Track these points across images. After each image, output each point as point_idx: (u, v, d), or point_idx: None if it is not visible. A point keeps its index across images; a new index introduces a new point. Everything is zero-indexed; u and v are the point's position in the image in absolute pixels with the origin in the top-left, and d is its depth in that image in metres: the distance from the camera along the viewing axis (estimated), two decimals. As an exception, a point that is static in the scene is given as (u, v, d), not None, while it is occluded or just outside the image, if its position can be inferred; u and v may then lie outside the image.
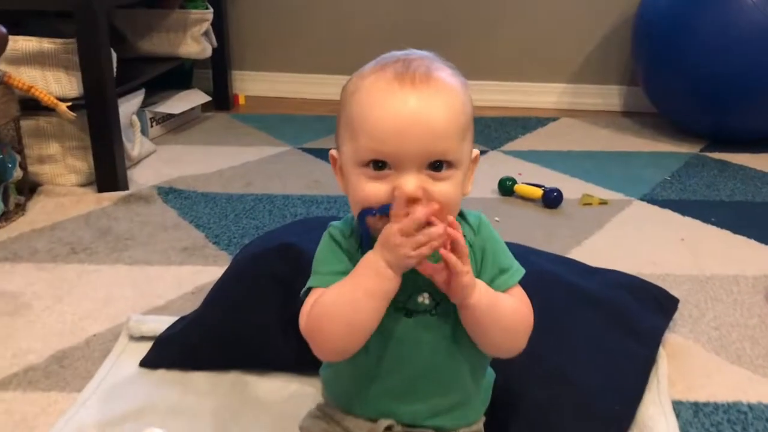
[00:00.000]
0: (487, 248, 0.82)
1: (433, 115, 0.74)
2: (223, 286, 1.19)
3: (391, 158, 0.74)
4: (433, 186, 0.75)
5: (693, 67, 2.19)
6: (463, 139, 0.77)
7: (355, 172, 0.77)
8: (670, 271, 1.48)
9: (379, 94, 0.75)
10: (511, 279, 0.82)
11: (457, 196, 0.78)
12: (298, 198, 1.84)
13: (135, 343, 1.19)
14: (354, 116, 0.77)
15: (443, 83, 0.76)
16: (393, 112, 0.74)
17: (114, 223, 1.68)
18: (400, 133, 0.73)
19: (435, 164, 0.75)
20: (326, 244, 0.83)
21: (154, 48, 2.36)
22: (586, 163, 2.15)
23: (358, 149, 0.76)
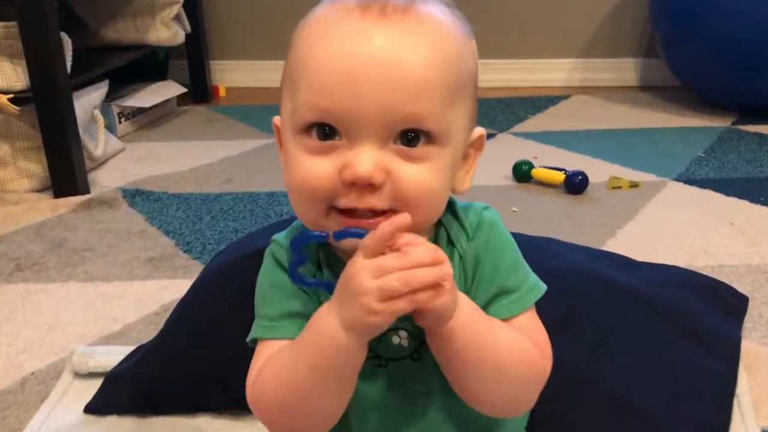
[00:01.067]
0: (483, 258, 0.57)
1: (406, 58, 0.50)
2: (187, 305, 0.96)
3: (340, 120, 0.50)
4: (400, 167, 0.51)
5: (721, 32, 1.98)
6: (452, 103, 0.53)
7: (293, 144, 0.53)
8: (726, 262, 1.26)
9: (328, 26, 0.52)
10: (516, 304, 0.57)
11: (438, 188, 0.53)
12: (284, 195, 1.61)
13: (81, 382, 0.96)
14: (294, 59, 0.54)
15: (429, 17, 0.52)
16: (345, 48, 0.50)
17: (70, 233, 1.45)
18: (353, 81, 0.49)
19: (407, 135, 0.51)
20: (268, 270, 0.59)
21: (120, 35, 2.13)
22: (607, 143, 1.93)
23: (298, 106, 0.52)
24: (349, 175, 0.50)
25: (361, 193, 0.51)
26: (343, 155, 0.51)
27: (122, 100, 2.07)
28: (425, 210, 0.53)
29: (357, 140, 0.51)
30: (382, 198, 0.51)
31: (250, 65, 2.67)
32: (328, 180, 0.51)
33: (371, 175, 0.50)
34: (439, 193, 0.54)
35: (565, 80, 2.55)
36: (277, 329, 0.58)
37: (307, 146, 0.52)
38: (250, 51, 2.66)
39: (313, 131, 0.52)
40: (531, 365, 0.56)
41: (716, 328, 0.92)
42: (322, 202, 0.52)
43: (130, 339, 1.06)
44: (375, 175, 0.50)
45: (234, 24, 2.62)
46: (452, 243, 0.58)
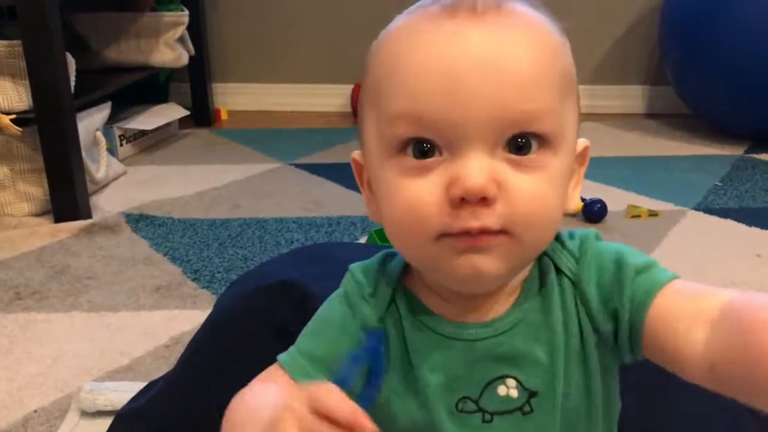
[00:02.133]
0: (604, 269, 0.50)
1: (509, 53, 0.45)
2: (204, 339, 0.90)
3: (440, 130, 0.45)
4: (515, 179, 0.45)
5: (732, 60, 1.96)
6: (563, 98, 0.47)
7: (387, 168, 0.47)
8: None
9: (416, 33, 0.47)
10: (662, 273, 0.49)
11: (556, 202, 0.47)
12: (293, 221, 1.55)
13: (88, 422, 0.91)
14: (379, 75, 0.48)
15: (524, 13, 0.48)
16: (440, 51, 0.45)
17: (72, 259, 1.39)
18: (453, 84, 0.44)
19: (517, 142, 0.45)
20: (334, 303, 0.54)
21: (123, 56, 2.08)
22: (622, 170, 1.89)
23: (389, 124, 0.46)
24: (458, 189, 0.44)
25: (473, 211, 0.44)
26: (447, 171, 0.45)
27: (124, 123, 2.02)
28: (541, 230, 0.47)
29: (462, 151, 0.45)
30: (495, 215, 0.44)
31: (252, 89, 2.63)
32: (436, 204, 0.45)
33: (484, 186, 0.43)
34: (557, 208, 0.47)
35: (572, 107, 2.52)
36: (296, 366, 0.53)
37: (404, 168, 0.46)
38: (252, 74, 2.62)
39: (408, 149, 0.46)
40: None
41: None
42: (431, 230, 0.46)
43: (139, 374, 1.00)
44: (487, 186, 0.44)
45: (236, 47, 2.58)
46: (559, 269, 0.51)
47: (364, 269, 0.55)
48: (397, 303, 0.53)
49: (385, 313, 0.53)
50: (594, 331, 0.50)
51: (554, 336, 0.50)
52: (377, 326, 0.52)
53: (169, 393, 0.86)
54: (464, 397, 0.50)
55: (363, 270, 0.55)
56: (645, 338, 0.48)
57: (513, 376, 0.50)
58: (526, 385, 0.50)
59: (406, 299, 0.53)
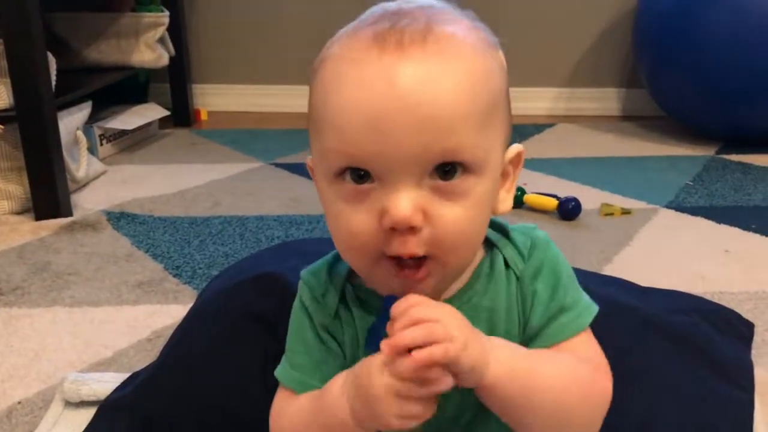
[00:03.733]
0: (541, 278, 0.56)
1: (432, 95, 0.48)
2: (187, 332, 0.92)
3: (370, 165, 0.49)
4: (439, 208, 0.49)
5: (704, 63, 2.01)
6: (486, 128, 0.50)
7: (329, 191, 0.52)
8: (725, 289, 1.25)
9: (347, 68, 0.49)
10: (574, 322, 0.55)
11: (478, 228, 0.52)
12: (274, 219, 1.57)
13: (72, 411, 0.91)
14: (315, 104, 0.52)
15: (451, 41, 0.50)
16: (367, 93, 0.48)
17: (53, 256, 1.40)
18: (379, 126, 0.47)
19: (444, 168, 0.49)
20: (296, 310, 0.60)
21: (102, 56, 2.09)
22: (596, 170, 1.93)
23: (324, 153, 0.51)
24: (388, 221, 0.48)
25: (403, 237, 0.49)
26: (378, 200, 0.49)
27: (104, 122, 2.03)
28: (462, 253, 0.52)
29: (391, 183, 0.49)
30: (421, 242, 0.50)
31: (232, 89, 2.64)
32: (372, 232, 0.50)
33: (409, 217, 0.48)
34: (479, 233, 0.53)
35: (549, 109, 2.56)
36: (293, 381, 0.58)
37: (343, 193, 0.51)
38: (232, 75, 2.63)
39: (346, 174, 0.50)
40: (593, 392, 0.54)
41: (732, 355, 0.91)
42: (371, 252, 0.51)
43: (122, 366, 1.01)
44: (413, 217, 0.48)
45: (216, 48, 2.60)
46: (508, 265, 0.56)
47: (313, 273, 0.60)
48: (346, 297, 0.58)
49: (337, 307, 0.58)
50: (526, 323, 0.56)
51: (497, 320, 0.56)
52: (333, 322, 0.58)
53: (152, 383, 0.88)
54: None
55: (312, 274, 0.60)
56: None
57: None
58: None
59: (354, 291, 0.58)
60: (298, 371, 0.58)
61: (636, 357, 0.83)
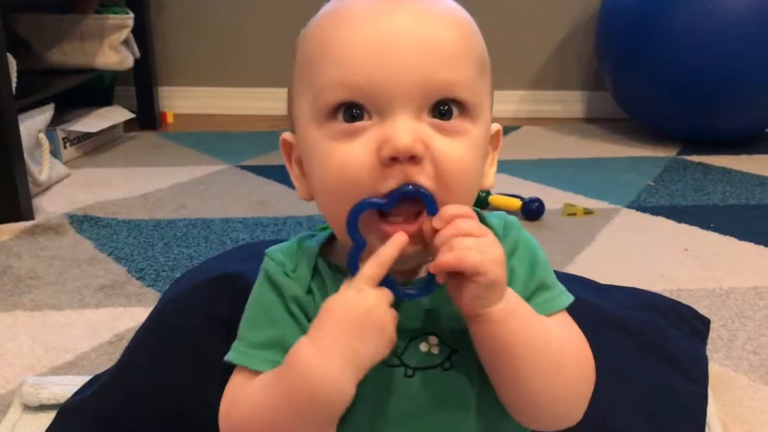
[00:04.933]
0: (518, 256, 0.55)
1: (434, 27, 0.50)
2: (148, 333, 0.91)
3: (371, 94, 0.48)
4: (440, 141, 0.49)
5: (666, 67, 2.05)
6: (482, 75, 0.52)
7: (318, 134, 0.50)
8: (683, 286, 1.28)
9: (348, 14, 0.50)
10: (556, 300, 0.55)
11: (476, 166, 0.51)
12: (239, 221, 1.57)
13: (31, 416, 0.90)
14: (310, 52, 0.51)
15: (447, 1, 0.53)
16: (370, 28, 0.49)
17: (14, 260, 1.38)
18: (382, 52, 0.48)
19: (440, 108, 0.49)
20: (260, 288, 0.56)
21: (66, 58, 2.07)
22: (560, 171, 1.96)
23: (320, 92, 0.49)
24: (389, 149, 0.47)
25: (404, 170, 0.48)
26: (376, 134, 0.48)
27: (67, 125, 2.01)
28: (465, 191, 0.51)
29: (390, 114, 0.48)
30: (425, 175, 0.48)
31: (198, 92, 2.63)
32: (366, 166, 0.48)
33: (411, 145, 0.47)
34: (477, 172, 0.52)
35: (514, 111, 2.59)
36: (254, 359, 0.54)
37: (335, 132, 0.49)
38: (198, 78, 2.62)
39: (339, 115, 0.49)
40: (586, 361, 0.54)
41: (687, 350, 0.93)
42: (363, 194, 0.49)
43: (84, 369, 1.01)
44: (415, 145, 0.47)
45: (182, 51, 2.58)
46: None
47: (281, 250, 0.57)
48: (321, 273, 0.55)
49: (310, 283, 0.55)
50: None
51: None
52: (305, 297, 0.54)
53: (113, 386, 0.87)
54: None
55: (281, 251, 0.57)
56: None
57: (435, 333, 0.53)
58: (447, 343, 0.53)
59: (328, 269, 0.55)
60: (261, 349, 0.54)
61: (593, 352, 0.84)
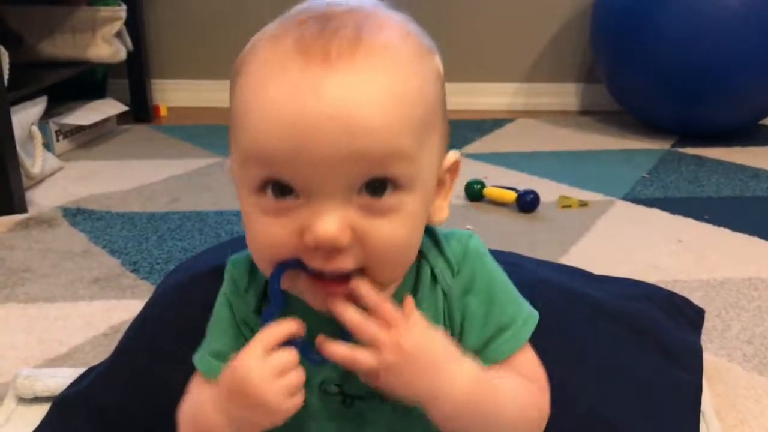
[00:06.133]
0: (473, 294, 0.53)
1: (362, 106, 0.44)
2: (143, 325, 0.91)
3: (294, 179, 0.45)
4: (370, 224, 0.46)
5: (660, 59, 2.04)
6: (420, 143, 0.47)
7: (248, 202, 0.48)
8: (678, 277, 1.28)
9: (271, 74, 0.46)
10: (513, 339, 0.53)
11: (411, 241, 0.49)
12: (233, 214, 1.57)
13: (26, 407, 0.90)
14: (234, 111, 0.48)
15: (382, 50, 0.46)
16: (292, 101, 0.44)
17: (7, 252, 1.37)
18: (304, 137, 0.44)
19: (373, 185, 0.46)
20: (220, 299, 0.58)
21: (58, 51, 2.05)
22: (555, 164, 1.96)
23: (244, 163, 0.47)
24: (311, 239, 0.45)
25: (327, 255, 0.46)
26: (302, 215, 0.46)
27: (60, 118, 2.00)
28: (397, 266, 0.50)
29: (317, 198, 0.45)
30: (350, 258, 0.47)
31: (192, 85, 2.62)
32: (290, 245, 0.47)
33: (335, 237, 0.45)
34: (412, 245, 0.50)
35: (508, 104, 2.59)
36: (206, 364, 0.56)
37: (263, 206, 0.47)
38: (191, 71, 2.61)
39: (267, 189, 0.47)
40: (541, 414, 0.53)
41: (681, 340, 0.93)
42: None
43: (78, 361, 1.00)
44: (339, 237, 0.45)
45: (176, 43, 2.57)
46: (435, 279, 0.53)
47: (241, 263, 0.57)
48: (268, 292, 0.54)
49: (259, 304, 0.55)
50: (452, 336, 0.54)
51: None
52: (253, 317, 0.55)
53: (107, 378, 0.87)
54: (327, 381, 0.53)
55: (240, 263, 0.57)
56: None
57: None
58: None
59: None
60: (214, 357, 0.56)
61: (586, 342, 0.84)
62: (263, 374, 0.47)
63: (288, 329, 0.48)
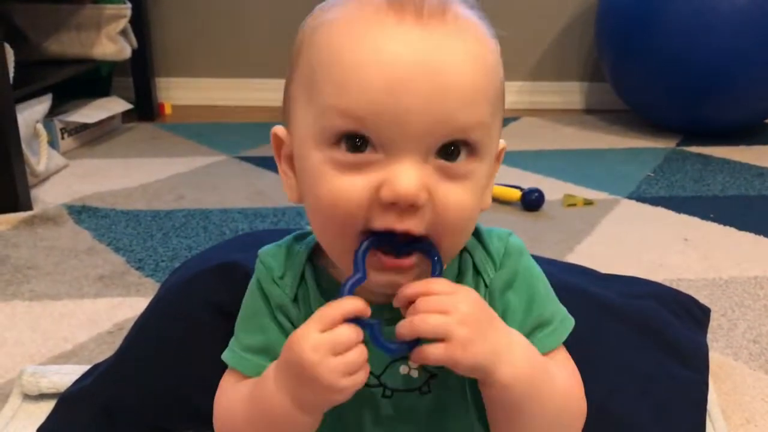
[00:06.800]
0: (515, 289, 0.53)
1: (454, 64, 0.45)
2: (148, 323, 0.91)
3: (379, 131, 0.45)
4: (443, 187, 0.46)
5: (665, 58, 2.04)
6: (496, 112, 0.49)
7: (317, 158, 0.47)
8: (683, 276, 1.27)
9: (360, 27, 0.46)
10: (554, 336, 0.54)
11: (476, 210, 0.49)
12: (238, 212, 1.57)
13: (31, 404, 0.90)
14: (317, 63, 0.48)
15: (467, 21, 0.48)
16: (386, 54, 0.44)
17: (12, 250, 1.38)
18: (397, 89, 0.44)
19: (449, 149, 0.46)
20: (251, 291, 0.56)
21: (63, 49, 2.05)
22: (559, 162, 1.96)
23: (323, 114, 0.46)
24: (390, 194, 0.45)
25: (400, 214, 0.45)
26: (379, 171, 0.45)
27: (65, 116, 2.00)
28: (461, 235, 0.50)
29: (397, 154, 0.45)
30: (420, 221, 0.46)
31: (197, 83, 2.62)
32: (363, 201, 0.46)
33: (416, 194, 0.45)
34: (475, 215, 0.50)
35: (513, 102, 2.58)
36: (244, 363, 0.55)
37: (337, 160, 0.46)
38: (196, 69, 2.61)
39: (341, 142, 0.46)
40: (581, 409, 0.53)
41: (687, 339, 0.93)
42: (354, 226, 0.47)
43: (83, 359, 1.00)
44: (419, 194, 0.45)
45: (181, 42, 2.57)
46: (478, 271, 0.54)
47: (272, 253, 0.57)
48: (307, 282, 0.55)
49: (297, 291, 0.55)
50: None
51: None
52: (291, 305, 0.54)
53: (113, 375, 0.87)
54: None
55: (271, 254, 0.57)
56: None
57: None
58: (427, 367, 0.52)
59: (316, 277, 0.55)
60: (249, 353, 0.55)
61: (593, 340, 0.83)
62: (319, 349, 0.45)
63: (354, 305, 0.46)
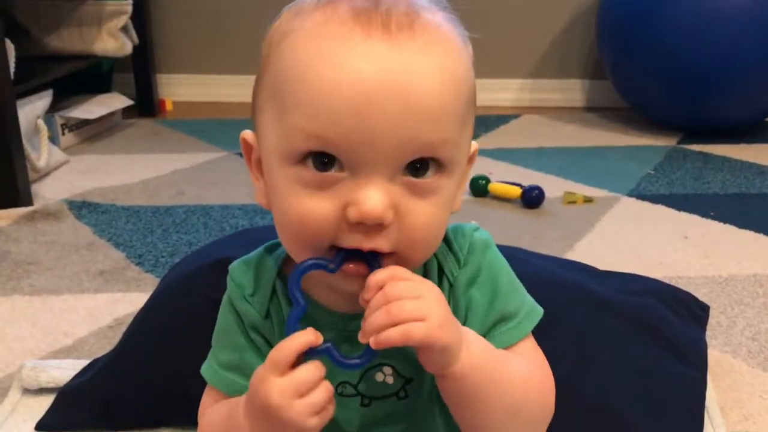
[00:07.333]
0: (478, 285, 0.53)
1: (421, 84, 0.44)
2: (147, 318, 0.91)
3: (345, 152, 0.44)
4: (411, 205, 0.46)
5: (666, 56, 2.04)
6: (464, 126, 0.48)
7: (284, 174, 0.46)
8: (683, 273, 1.27)
9: (325, 43, 0.45)
10: (515, 330, 0.53)
11: (444, 224, 0.49)
12: (238, 208, 1.57)
13: (31, 398, 0.90)
14: (283, 77, 0.46)
15: (438, 33, 0.47)
16: (352, 74, 0.43)
17: (13, 245, 1.38)
18: (364, 111, 0.43)
19: (416, 165, 0.46)
20: (224, 307, 0.56)
21: (64, 44, 2.06)
22: (560, 160, 1.96)
23: (289, 133, 0.45)
24: (356, 214, 0.44)
25: (367, 232, 0.45)
26: (346, 190, 0.45)
27: (66, 112, 2.00)
28: (429, 249, 0.50)
29: (364, 174, 0.45)
30: (388, 239, 0.46)
31: (197, 79, 2.62)
32: (330, 221, 0.45)
33: (381, 214, 0.44)
34: (443, 228, 0.50)
35: (514, 100, 2.58)
36: (220, 379, 0.55)
37: (304, 179, 0.46)
38: (197, 65, 2.61)
39: (308, 161, 0.45)
40: (544, 402, 0.53)
41: (685, 336, 0.93)
42: (322, 244, 0.47)
43: (83, 353, 1.00)
44: (386, 214, 0.44)
45: (181, 38, 2.57)
46: (443, 271, 0.54)
47: (243, 268, 0.56)
48: (278, 296, 0.54)
49: (268, 307, 0.54)
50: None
51: None
52: (263, 322, 0.54)
53: (112, 369, 0.87)
54: (344, 382, 0.53)
55: (242, 270, 0.56)
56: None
57: (389, 364, 0.52)
58: (402, 373, 0.53)
59: (286, 291, 0.53)
60: (225, 369, 0.55)
61: (591, 337, 0.84)
62: (284, 393, 0.45)
63: (305, 340, 0.46)
